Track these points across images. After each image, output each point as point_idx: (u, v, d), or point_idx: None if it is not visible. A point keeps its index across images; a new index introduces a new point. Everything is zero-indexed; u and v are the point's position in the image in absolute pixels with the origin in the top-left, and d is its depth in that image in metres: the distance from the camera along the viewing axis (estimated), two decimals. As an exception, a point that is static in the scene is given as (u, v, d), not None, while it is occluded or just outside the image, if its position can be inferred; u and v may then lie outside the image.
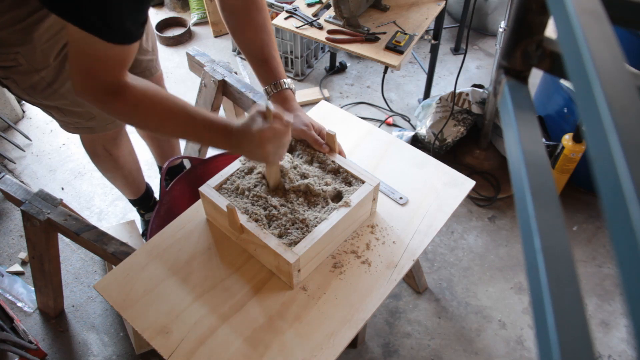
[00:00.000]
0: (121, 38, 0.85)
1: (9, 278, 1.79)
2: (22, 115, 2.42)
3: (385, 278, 1.03)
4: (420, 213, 1.14)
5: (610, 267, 1.83)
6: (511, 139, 0.39)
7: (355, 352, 1.62)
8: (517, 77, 0.44)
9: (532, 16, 0.41)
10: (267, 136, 0.92)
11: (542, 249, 0.29)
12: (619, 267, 0.23)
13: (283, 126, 0.94)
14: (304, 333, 0.95)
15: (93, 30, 0.82)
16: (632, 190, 0.22)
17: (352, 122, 1.36)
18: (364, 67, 2.69)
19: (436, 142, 2.07)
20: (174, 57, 2.79)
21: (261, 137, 0.92)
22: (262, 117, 0.93)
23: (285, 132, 0.95)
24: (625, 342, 1.64)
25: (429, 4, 2.03)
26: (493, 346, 1.63)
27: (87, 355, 1.64)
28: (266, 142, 0.93)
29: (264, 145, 0.93)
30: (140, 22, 0.87)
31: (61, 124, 1.38)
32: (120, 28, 0.84)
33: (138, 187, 1.80)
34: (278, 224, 1.01)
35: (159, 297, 1.00)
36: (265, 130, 0.92)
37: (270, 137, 0.93)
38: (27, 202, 1.39)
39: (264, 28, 1.13)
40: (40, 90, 1.20)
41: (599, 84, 0.26)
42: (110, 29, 0.83)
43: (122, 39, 0.86)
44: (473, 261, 1.86)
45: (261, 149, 0.94)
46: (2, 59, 1.11)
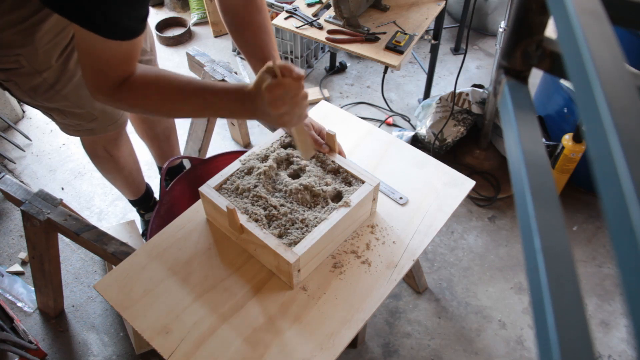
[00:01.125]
0: (123, 34, 0.85)
1: (9, 278, 1.79)
2: (22, 115, 2.42)
3: (385, 278, 1.03)
4: (420, 213, 1.14)
5: (610, 267, 1.83)
6: (511, 139, 0.39)
7: (355, 352, 1.62)
8: (517, 77, 0.44)
9: (532, 16, 0.41)
10: (277, 93, 0.86)
11: (542, 249, 0.29)
12: (619, 267, 0.23)
13: (294, 80, 0.87)
14: (304, 333, 0.95)
15: (95, 29, 0.82)
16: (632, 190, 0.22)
17: (352, 122, 1.36)
18: (364, 67, 2.69)
19: (436, 142, 2.07)
20: (174, 57, 2.79)
21: (271, 95, 0.86)
22: (271, 74, 0.87)
23: (296, 87, 0.87)
24: (625, 342, 1.64)
25: (429, 4, 2.03)
26: (493, 346, 1.63)
27: (87, 355, 1.64)
28: (277, 100, 0.87)
29: (276, 104, 0.87)
30: (142, 17, 0.87)
31: (61, 127, 1.38)
32: (121, 24, 0.84)
33: (138, 188, 1.80)
34: (278, 224, 1.01)
35: (159, 297, 1.00)
36: (274, 86, 0.86)
37: (281, 94, 0.86)
38: (27, 202, 1.39)
39: (263, 28, 1.13)
40: (42, 92, 1.19)
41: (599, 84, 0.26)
42: (111, 26, 0.83)
43: (124, 35, 0.86)
44: (473, 261, 1.86)
45: (274, 107, 0.88)
46: (3, 61, 1.10)
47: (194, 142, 1.90)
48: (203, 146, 1.88)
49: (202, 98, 0.94)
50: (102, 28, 0.82)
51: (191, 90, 0.93)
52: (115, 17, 0.82)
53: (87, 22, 0.82)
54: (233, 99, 0.93)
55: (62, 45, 1.15)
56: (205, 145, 1.90)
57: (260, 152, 1.14)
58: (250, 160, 1.12)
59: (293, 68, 0.87)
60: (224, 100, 0.93)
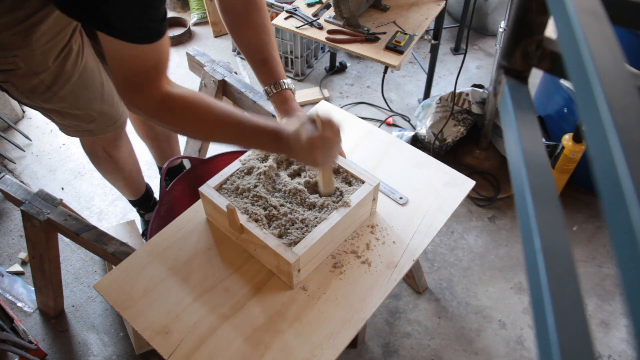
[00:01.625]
0: (145, 37, 0.85)
1: (9, 278, 1.79)
2: (22, 115, 2.42)
3: (385, 278, 1.03)
4: (420, 213, 1.14)
5: (610, 267, 1.83)
6: (511, 139, 0.39)
7: (355, 352, 1.62)
8: (517, 77, 0.44)
9: (532, 16, 0.41)
10: (316, 144, 0.93)
11: (542, 249, 0.29)
12: (619, 267, 0.23)
13: (333, 134, 0.95)
14: (304, 333, 0.95)
15: (115, 33, 0.82)
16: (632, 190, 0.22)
17: (352, 122, 1.36)
18: (364, 67, 2.69)
19: (436, 142, 2.07)
20: (174, 57, 2.79)
21: (311, 145, 0.93)
22: (313, 123, 0.95)
23: (335, 140, 0.96)
24: (625, 342, 1.64)
25: (429, 4, 2.03)
26: (493, 346, 1.63)
27: (87, 355, 1.64)
28: (315, 150, 0.94)
29: (314, 152, 0.94)
30: (159, 18, 0.87)
31: (61, 127, 1.38)
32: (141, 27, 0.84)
33: (138, 188, 1.80)
34: (278, 224, 1.01)
35: (159, 297, 1.00)
36: (316, 138, 0.93)
37: (320, 145, 0.94)
38: (27, 202, 1.39)
39: (263, 28, 1.13)
40: (40, 93, 1.19)
41: (599, 84, 0.26)
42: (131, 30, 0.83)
43: (146, 38, 0.85)
44: (473, 261, 1.85)
45: (311, 155, 0.95)
46: (1, 62, 1.10)
47: (194, 142, 1.90)
48: (203, 146, 1.88)
49: (239, 131, 0.97)
50: (122, 32, 0.83)
51: (229, 121, 0.97)
52: (134, 20, 0.82)
53: (107, 27, 0.82)
54: (269, 138, 0.97)
55: (59, 47, 1.14)
56: (205, 145, 1.90)
57: (260, 152, 1.14)
58: (250, 160, 1.12)
59: (334, 122, 0.94)
60: (260, 137, 0.98)
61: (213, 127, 0.97)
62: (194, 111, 0.95)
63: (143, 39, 0.85)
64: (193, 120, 0.96)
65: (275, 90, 1.13)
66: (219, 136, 1.00)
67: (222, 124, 0.97)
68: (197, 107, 0.95)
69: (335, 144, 0.96)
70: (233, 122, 0.97)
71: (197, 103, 0.95)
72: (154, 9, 0.85)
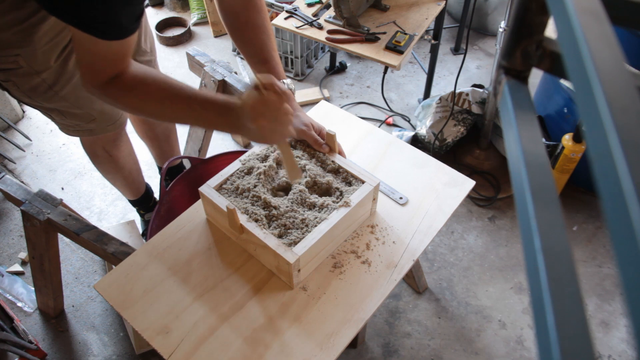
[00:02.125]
0: (117, 34, 0.86)
1: (9, 278, 1.79)
2: (22, 115, 2.42)
3: (385, 278, 1.03)
4: (420, 213, 1.14)
5: (610, 267, 1.83)
6: (511, 139, 0.39)
7: (355, 352, 1.62)
8: (517, 77, 0.44)
9: (532, 16, 0.41)
10: (259, 109, 0.87)
11: (542, 249, 0.29)
12: (619, 267, 0.23)
13: (276, 96, 0.87)
14: (304, 333, 0.95)
15: (89, 30, 0.83)
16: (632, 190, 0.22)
17: (352, 122, 1.36)
18: (364, 67, 2.69)
19: (436, 142, 2.07)
20: (174, 57, 2.79)
21: (253, 110, 0.87)
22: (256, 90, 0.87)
23: (278, 103, 0.88)
24: (625, 342, 1.64)
25: (429, 4, 2.03)
26: (493, 346, 1.63)
27: (87, 355, 1.64)
28: (259, 116, 0.87)
29: (258, 120, 0.88)
30: (136, 15, 0.87)
31: (61, 127, 1.38)
32: (116, 24, 0.84)
33: (138, 188, 1.80)
34: (278, 224, 1.01)
35: (159, 297, 1.00)
36: (257, 102, 0.86)
37: (263, 110, 0.87)
38: (27, 202, 1.39)
39: (263, 29, 1.13)
40: (41, 92, 1.19)
41: (599, 84, 0.26)
42: (106, 27, 0.83)
43: (118, 35, 0.86)
44: (473, 261, 1.85)
45: (255, 123, 0.88)
46: (2, 61, 1.10)
47: (194, 142, 1.90)
48: (203, 146, 1.88)
49: (188, 105, 0.93)
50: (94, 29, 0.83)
51: (179, 95, 0.93)
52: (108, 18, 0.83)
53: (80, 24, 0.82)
54: (218, 111, 0.93)
55: (60, 46, 1.15)
56: (205, 145, 1.90)
57: (260, 152, 1.14)
58: (250, 160, 1.12)
59: (277, 84, 0.87)
60: (209, 111, 0.93)
61: (164, 103, 0.94)
62: (146, 88, 0.93)
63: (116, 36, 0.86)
64: (144, 97, 0.93)
65: None
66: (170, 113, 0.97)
67: (173, 101, 0.93)
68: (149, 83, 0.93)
69: (279, 110, 0.89)
70: (184, 97, 0.93)
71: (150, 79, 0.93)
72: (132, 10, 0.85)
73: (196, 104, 0.93)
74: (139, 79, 0.93)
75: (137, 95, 0.93)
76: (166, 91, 0.93)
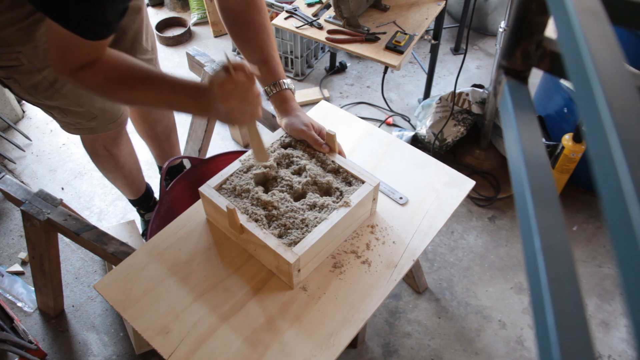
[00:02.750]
0: (100, 35, 0.86)
1: (9, 278, 1.79)
2: (22, 115, 2.42)
3: (385, 278, 1.03)
4: (420, 213, 1.14)
5: (610, 267, 1.83)
6: (511, 139, 0.39)
7: (355, 352, 1.62)
8: (517, 77, 0.44)
9: (532, 16, 0.41)
10: (227, 88, 0.86)
11: (542, 249, 0.29)
12: (619, 267, 0.23)
13: (246, 77, 0.87)
14: (304, 333, 0.95)
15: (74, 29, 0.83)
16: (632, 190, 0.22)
17: (352, 122, 1.36)
18: (364, 67, 2.69)
19: (436, 142, 2.07)
20: (173, 57, 2.79)
21: (222, 90, 0.86)
22: (225, 71, 0.87)
23: (248, 84, 0.88)
24: (625, 342, 1.64)
25: (429, 4, 2.03)
26: (493, 346, 1.63)
27: (87, 355, 1.64)
28: (228, 96, 0.87)
29: (227, 100, 0.87)
30: (119, 13, 0.87)
31: (62, 125, 1.38)
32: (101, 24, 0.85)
33: (138, 188, 1.80)
34: (278, 224, 1.01)
35: (159, 297, 1.00)
36: (226, 81, 0.86)
37: (232, 90, 0.86)
38: (27, 202, 1.39)
39: (263, 29, 1.13)
40: (42, 90, 1.20)
41: (599, 84, 0.26)
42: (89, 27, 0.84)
43: (101, 35, 0.87)
44: (473, 261, 1.85)
45: (224, 103, 0.88)
46: (4, 58, 1.11)
47: (194, 142, 1.90)
48: (203, 146, 1.88)
49: (159, 89, 0.94)
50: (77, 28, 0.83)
51: (150, 79, 0.93)
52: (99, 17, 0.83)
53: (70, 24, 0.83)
54: (188, 94, 0.93)
55: None
56: (205, 145, 1.90)
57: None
58: (250, 160, 1.12)
59: (246, 65, 0.87)
60: (180, 94, 0.93)
61: (135, 88, 0.94)
62: (118, 72, 0.93)
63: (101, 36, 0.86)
64: (116, 81, 0.93)
65: (275, 90, 1.13)
66: (141, 98, 0.97)
67: (144, 85, 0.94)
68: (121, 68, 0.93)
69: (249, 90, 0.88)
70: (154, 81, 0.93)
71: (122, 64, 0.93)
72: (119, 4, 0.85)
73: (167, 88, 0.94)
74: (112, 66, 0.93)
75: (111, 82, 0.93)
76: (137, 76, 0.93)
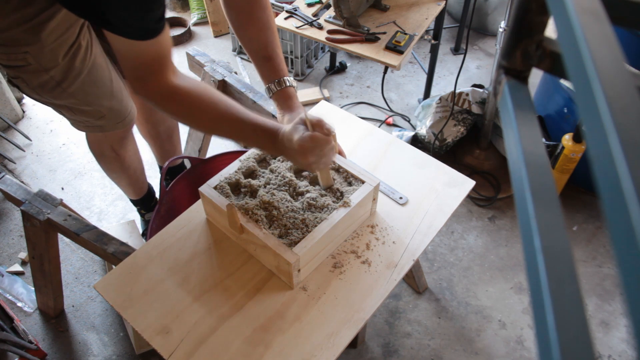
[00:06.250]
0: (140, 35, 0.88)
1: (9, 278, 1.79)
2: (22, 115, 2.42)
3: (385, 278, 1.03)
4: (420, 213, 1.14)
5: (610, 267, 1.83)
6: (511, 139, 0.39)
7: (355, 352, 1.62)
8: (517, 77, 0.44)
9: (532, 16, 0.41)
10: (307, 146, 0.92)
11: (542, 249, 0.29)
12: (619, 267, 0.23)
13: (324, 135, 0.93)
14: (304, 333, 0.95)
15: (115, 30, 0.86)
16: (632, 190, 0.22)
17: (352, 122, 1.36)
18: (364, 67, 2.69)
19: (436, 142, 2.07)
20: (174, 57, 2.79)
21: (301, 147, 0.92)
22: (304, 125, 0.94)
23: (326, 141, 0.94)
24: (625, 342, 1.64)
25: (429, 4, 2.03)
26: (493, 346, 1.63)
27: (87, 355, 1.64)
28: (307, 152, 0.93)
29: (306, 155, 0.93)
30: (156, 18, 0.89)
31: (72, 122, 1.39)
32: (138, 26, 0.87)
33: (141, 188, 1.80)
34: (278, 224, 1.01)
35: (159, 297, 1.00)
36: (306, 139, 0.92)
37: (311, 147, 0.92)
38: (27, 202, 1.39)
39: (267, 26, 1.13)
40: (50, 89, 1.20)
41: (599, 84, 0.26)
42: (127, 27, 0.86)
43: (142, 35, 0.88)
44: (473, 261, 1.85)
45: (303, 158, 0.94)
46: (12, 58, 1.11)
47: (194, 142, 1.90)
48: (203, 146, 1.88)
49: (240, 127, 0.99)
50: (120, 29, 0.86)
51: (231, 116, 0.99)
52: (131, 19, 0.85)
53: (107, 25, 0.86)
54: (266, 138, 0.98)
55: (68, 44, 1.15)
56: (205, 145, 1.90)
57: (260, 152, 1.14)
58: (249, 160, 1.12)
59: (324, 124, 0.94)
60: (259, 136, 0.99)
61: (216, 121, 0.99)
62: (199, 104, 0.98)
63: (142, 36, 0.89)
64: (197, 113, 0.99)
65: (278, 88, 1.13)
66: (220, 130, 1.03)
67: (224, 119, 0.99)
68: (202, 100, 0.98)
69: (326, 146, 0.95)
70: (234, 118, 0.99)
71: (203, 96, 0.98)
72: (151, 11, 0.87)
73: (248, 128, 0.99)
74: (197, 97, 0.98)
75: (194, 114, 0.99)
76: (220, 111, 0.99)
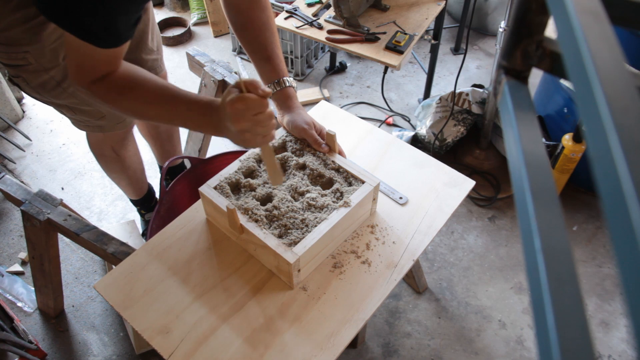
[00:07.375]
0: (112, 43, 0.87)
1: (9, 278, 1.79)
2: (22, 115, 2.42)
3: (385, 278, 1.03)
4: (420, 213, 1.14)
5: (610, 267, 1.83)
6: (511, 139, 0.39)
7: (355, 352, 1.62)
8: (517, 77, 0.44)
9: (532, 16, 0.41)
10: (238, 108, 0.83)
11: (542, 249, 0.29)
12: (619, 267, 0.23)
13: (258, 96, 0.83)
14: (304, 333, 0.95)
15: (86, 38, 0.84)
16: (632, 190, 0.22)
17: (352, 122, 1.36)
18: (364, 67, 2.69)
19: (436, 142, 2.07)
20: (174, 57, 2.79)
21: (233, 109, 0.83)
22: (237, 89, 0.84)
23: (260, 104, 0.84)
24: (625, 342, 1.64)
25: (429, 4, 2.03)
26: (493, 346, 1.63)
27: (87, 355, 1.64)
28: (239, 116, 0.84)
29: (238, 120, 0.84)
30: (132, 23, 0.88)
31: (73, 122, 1.40)
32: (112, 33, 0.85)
33: (141, 188, 1.80)
34: (278, 224, 1.01)
35: (159, 297, 1.00)
36: (236, 100, 0.82)
37: (243, 109, 0.83)
38: (27, 202, 1.39)
39: (267, 26, 1.13)
40: (50, 89, 1.20)
41: (599, 84, 0.26)
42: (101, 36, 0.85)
43: (113, 43, 0.87)
44: (473, 261, 1.85)
45: (235, 123, 0.85)
46: (12, 57, 1.12)
47: (194, 142, 1.90)
48: (203, 146, 1.88)
49: (172, 105, 0.94)
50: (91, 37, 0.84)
51: (164, 95, 0.93)
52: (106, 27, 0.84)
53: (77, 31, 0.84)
54: (200, 111, 0.92)
55: None
56: (205, 145, 1.90)
57: (260, 152, 1.14)
58: (250, 160, 1.12)
59: (259, 85, 0.84)
60: (192, 111, 0.93)
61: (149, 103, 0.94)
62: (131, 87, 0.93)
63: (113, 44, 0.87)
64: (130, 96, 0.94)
65: (277, 88, 1.13)
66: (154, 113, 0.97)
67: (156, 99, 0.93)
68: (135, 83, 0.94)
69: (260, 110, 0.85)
70: (168, 98, 0.93)
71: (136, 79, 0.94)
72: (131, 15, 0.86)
73: (180, 104, 0.93)
74: (127, 79, 0.93)
75: (125, 95, 0.94)
76: (153, 92, 0.94)
